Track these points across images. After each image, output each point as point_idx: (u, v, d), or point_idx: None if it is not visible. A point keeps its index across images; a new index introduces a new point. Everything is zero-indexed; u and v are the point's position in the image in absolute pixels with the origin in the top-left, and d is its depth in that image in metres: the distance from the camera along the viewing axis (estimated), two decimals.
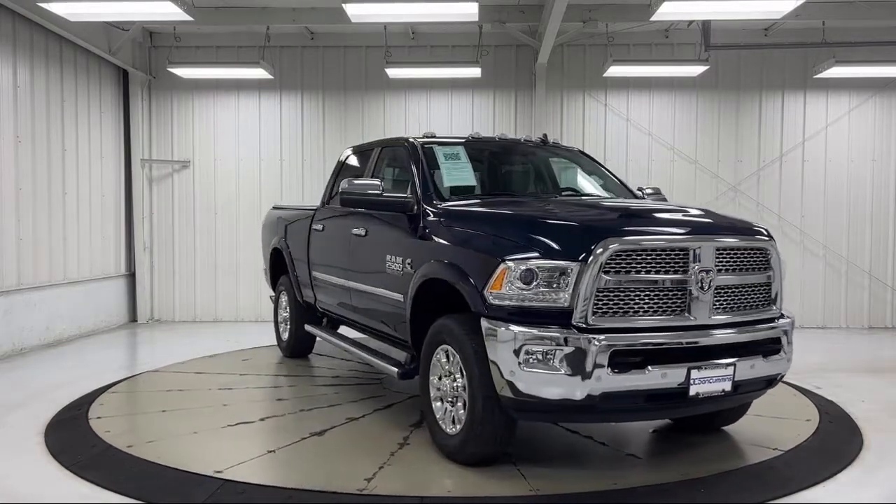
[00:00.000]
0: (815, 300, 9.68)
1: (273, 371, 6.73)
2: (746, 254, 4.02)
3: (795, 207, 9.75)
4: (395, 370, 4.84)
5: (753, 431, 4.78)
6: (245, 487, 3.75)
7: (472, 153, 5.22)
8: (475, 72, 9.06)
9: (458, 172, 4.98)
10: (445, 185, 4.86)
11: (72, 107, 8.66)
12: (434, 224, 4.51)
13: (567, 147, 6.16)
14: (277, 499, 3.65)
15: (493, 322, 3.71)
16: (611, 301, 3.63)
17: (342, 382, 6.16)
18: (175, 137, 10.04)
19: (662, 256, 3.73)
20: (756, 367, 3.93)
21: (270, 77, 9.49)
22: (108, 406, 5.35)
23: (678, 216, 4.29)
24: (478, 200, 4.77)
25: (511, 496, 3.68)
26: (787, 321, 4.20)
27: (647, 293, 3.69)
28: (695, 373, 3.68)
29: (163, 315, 10.14)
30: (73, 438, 4.62)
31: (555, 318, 3.61)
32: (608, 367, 3.53)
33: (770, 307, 4.14)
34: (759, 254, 4.08)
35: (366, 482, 3.81)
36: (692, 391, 3.70)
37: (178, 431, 4.72)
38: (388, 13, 7.40)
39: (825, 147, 9.73)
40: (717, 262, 3.85)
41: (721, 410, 4.48)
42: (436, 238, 4.43)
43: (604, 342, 3.53)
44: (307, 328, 6.77)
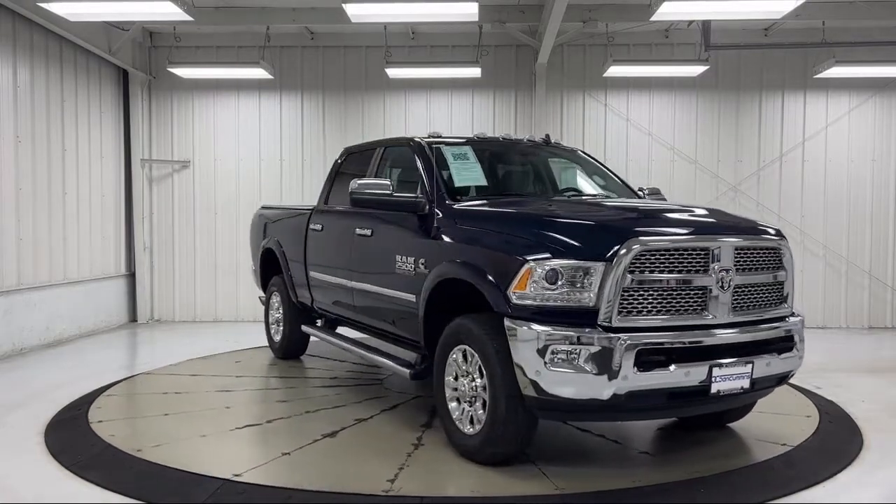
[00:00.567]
0: (815, 300, 9.67)
1: (269, 373, 6.69)
2: (762, 253, 4.08)
3: (795, 207, 9.75)
4: (407, 371, 4.79)
5: (758, 428, 4.81)
6: (245, 487, 3.75)
7: (478, 153, 5.21)
8: (475, 72, 9.06)
9: (468, 172, 4.98)
10: (456, 186, 4.84)
11: (72, 107, 8.67)
12: (448, 224, 4.49)
13: (569, 148, 6.16)
14: (278, 498, 3.65)
15: (518, 322, 3.71)
16: (634, 300, 3.66)
17: (341, 384, 6.14)
18: (175, 137, 10.05)
19: (685, 256, 3.77)
20: (771, 365, 4.00)
21: (270, 77, 9.50)
22: (108, 409, 5.27)
23: (697, 217, 4.33)
24: (489, 200, 4.74)
25: (539, 495, 3.69)
26: (799, 319, 4.27)
27: (670, 292, 3.73)
28: (716, 370, 3.73)
29: (163, 315, 10.14)
30: (73, 438, 4.61)
31: (579, 318, 3.62)
32: (634, 367, 3.55)
33: (782, 305, 4.21)
34: (774, 253, 4.15)
35: (389, 483, 3.79)
36: (713, 389, 3.75)
37: (186, 434, 4.67)
38: (388, 13, 7.40)
39: (825, 147, 9.73)
40: (736, 262, 3.90)
41: (729, 408, 4.53)
42: (451, 238, 4.41)
43: (631, 341, 3.55)
44: (304, 329, 6.74)
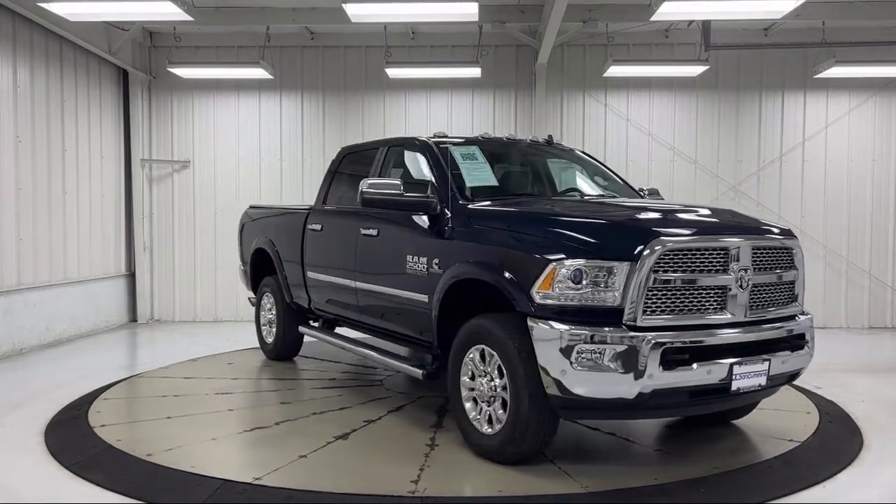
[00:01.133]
0: (815, 300, 9.62)
1: (265, 374, 6.59)
2: (777, 253, 4.15)
3: (795, 207, 9.75)
4: (420, 371, 4.76)
5: (762, 425, 4.85)
6: (245, 487, 3.74)
7: (484, 153, 5.19)
8: (475, 72, 9.06)
9: (478, 172, 4.98)
10: (468, 186, 4.82)
11: (72, 107, 8.66)
12: (462, 224, 4.48)
13: (571, 148, 6.15)
14: (278, 498, 3.64)
15: (542, 322, 3.71)
16: (658, 299, 3.69)
17: (341, 385, 6.11)
18: (175, 137, 10.04)
19: (706, 256, 3.81)
20: (786, 362, 4.08)
21: (270, 77, 9.49)
22: (108, 413, 5.20)
23: (715, 218, 4.37)
24: (503, 201, 4.72)
25: (570, 493, 3.70)
26: (809, 317, 4.35)
27: (691, 291, 3.77)
28: (736, 368, 3.79)
29: (163, 315, 10.14)
30: (73, 438, 4.61)
31: (604, 317, 3.64)
32: (659, 365, 3.59)
33: (793, 304, 4.27)
34: (787, 253, 4.22)
35: (413, 484, 3.78)
36: (734, 386, 3.81)
37: (196, 438, 4.58)
38: (388, 13, 7.40)
39: (825, 147, 9.73)
40: (753, 261, 3.95)
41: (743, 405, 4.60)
42: (466, 239, 4.40)
43: (656, 340, 3.58)
44: (301, 330, 6.66)
